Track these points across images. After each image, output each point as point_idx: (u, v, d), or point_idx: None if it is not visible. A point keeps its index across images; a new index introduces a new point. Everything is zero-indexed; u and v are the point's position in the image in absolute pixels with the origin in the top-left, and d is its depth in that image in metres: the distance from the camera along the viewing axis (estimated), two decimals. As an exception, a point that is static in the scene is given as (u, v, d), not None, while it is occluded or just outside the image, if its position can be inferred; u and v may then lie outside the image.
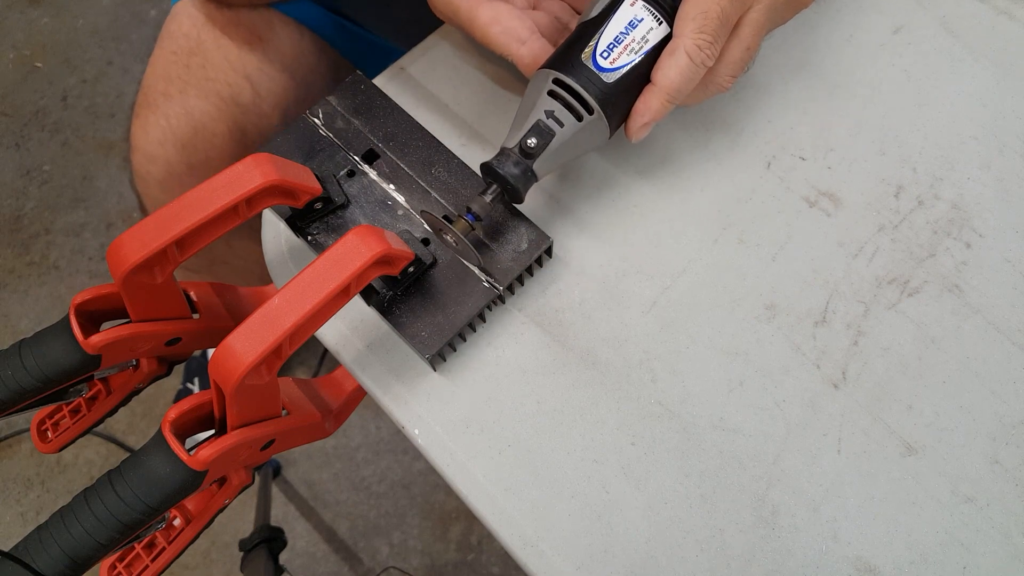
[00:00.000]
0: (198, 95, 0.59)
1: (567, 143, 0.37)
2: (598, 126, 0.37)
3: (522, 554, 0.37)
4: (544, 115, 0.37)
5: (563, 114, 0.37)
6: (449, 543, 1.11)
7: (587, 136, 0.37)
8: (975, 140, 0.45)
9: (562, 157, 0.38)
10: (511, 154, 0.37)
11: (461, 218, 0.38)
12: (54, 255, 1.32)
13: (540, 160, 0.37)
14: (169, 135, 0.60)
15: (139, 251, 0.32)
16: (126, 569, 0.39)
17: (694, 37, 0.36)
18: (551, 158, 0.37)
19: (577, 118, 0.36)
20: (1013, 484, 0.37)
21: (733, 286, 0.42)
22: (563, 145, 0.37)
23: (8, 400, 0.36)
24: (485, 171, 0.38)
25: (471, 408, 0.40)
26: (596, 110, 0.36)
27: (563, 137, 0.37)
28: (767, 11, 0.38)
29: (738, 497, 0.37)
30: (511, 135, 0.38)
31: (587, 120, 0.37)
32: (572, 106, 0.36)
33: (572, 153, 0.38)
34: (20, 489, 1.16)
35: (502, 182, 0.37)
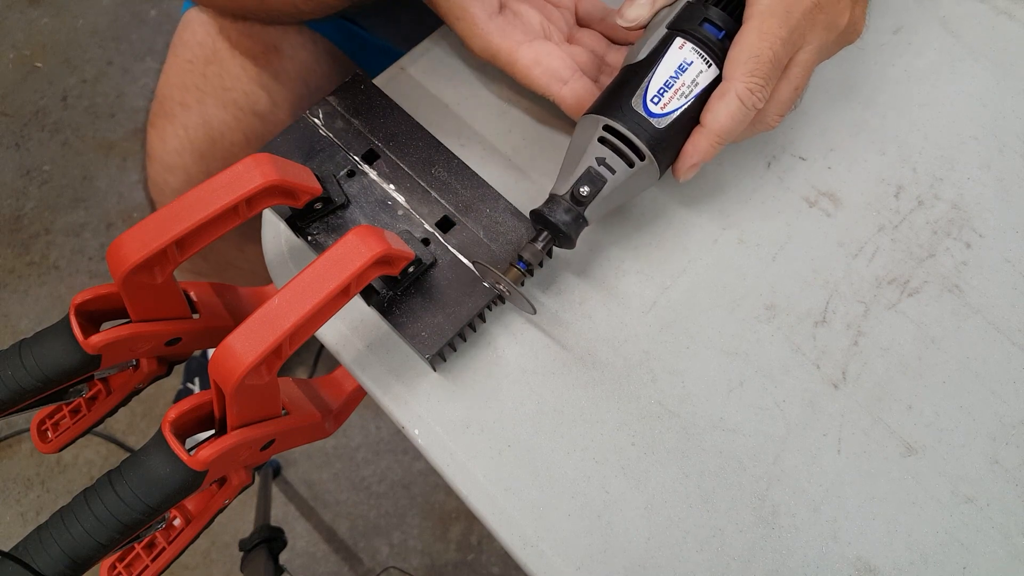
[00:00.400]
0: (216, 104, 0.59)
1: (619, 188, 0.37)
2: (649, 171, 0.37)
3: (522, 554, 0.37)
4: (595, 162, 0.36)
5: (615, 161, 0.36)
6: (449, 543, 1.11)
7: (638, 180, 0.37)
8: (975, 140, 0.45)
9: (613, 202, 0.38)
10: (562, 201, 0.37)
11: (514, 267, 0.38)
12: (54, 255, 1.31)
13: (592, 206, 0.37)
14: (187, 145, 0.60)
15: (139, 251, 0.32)
16: (126, 569, 0.39)
17: (746, 81, 0.36)
18: (603, 204, 0.37)
19: (629, 164, 0.36)
20: (1013, 484, 0.37)
21: (733, 286, 0.42)
22: (615, 191, 0.37)
23: (8, 400, 0.36)
24: (536, 218, 0.38)
25: (471, 408, 0.39)
26: (648, 156, 0.36)
27: (615, 183, 0.37)
28: (817, 52, 0.38)
29: (738, 497, 0.37)
30: (560, 182, 0.38)
31: (639, 166, 0.36)
32: (624, 153, 0.36)
33: (623, 197, 0.38)
34: (20, 489, 1.16)
35: (553, 229, 0.37)
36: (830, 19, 0.37)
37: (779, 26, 0.35)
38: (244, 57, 0.58)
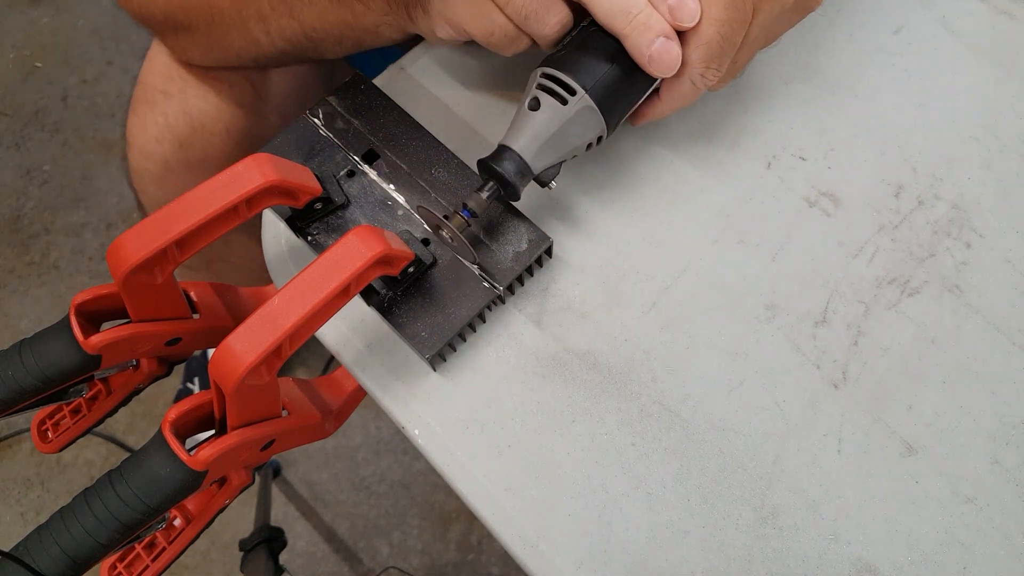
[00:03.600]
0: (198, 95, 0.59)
1: (559, 132, 0.37)
2: (587, 114, 0.37)
3: (522, 554, 0.37)
4: (530, 105, 0.37)
5: (547, 100, 0.37)
6: (449, 543, 1.11)
7: (577, 124, 0.37)
8: (975, 140, 0.45)
9: (557, 148, 0.38)
10: (506, 150, 0.37)
11: (457, 214, 0.38)
12: (54, 255, 1.31)
13: (535, 153, 0.37)
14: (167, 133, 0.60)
15: (139, 251, 0.32)
16: (126, 569, 0.39)
17: (699, 67, 0.37)
18: (545, 150, 0.37)
19: (562, 102, 0.36)
20: (1013, 484, 0.37)
21: (733, 286, 0.42)
22: (555, 135, 0.37)
23: (8, 400, 0.36)
24: (482, 168, 0.38)
25: (471, 408, 0.39)
26: (579, 90, 0.36)
27: (549, 123, 0.37)
28: (768, 26, 0.38)
29: (738, 497, 0.37)
30: (508, 133, 0.38)
31: (572, 102, 0.36)
32: (555, 92, 0.36)
33: (567, 143, 0.38)
34: (20, 489, 1.16)
35: (499, 178, 0.37)
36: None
37: (725, 8, 0.35)
38: None
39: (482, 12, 0.37)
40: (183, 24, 0.51)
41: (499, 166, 0.37)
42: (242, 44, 0.49)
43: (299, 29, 0.46)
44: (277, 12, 0.45)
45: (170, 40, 0.56)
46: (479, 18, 0.37)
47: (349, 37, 0.45)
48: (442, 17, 0.38)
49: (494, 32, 0.38)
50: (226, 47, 0.51)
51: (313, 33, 0.45)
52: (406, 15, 0.41)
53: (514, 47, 0.39)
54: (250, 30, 0.47)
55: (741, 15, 0.36)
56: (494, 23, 0.37)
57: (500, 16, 0.37)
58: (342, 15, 0.43)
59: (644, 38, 0.35)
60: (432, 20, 0.39)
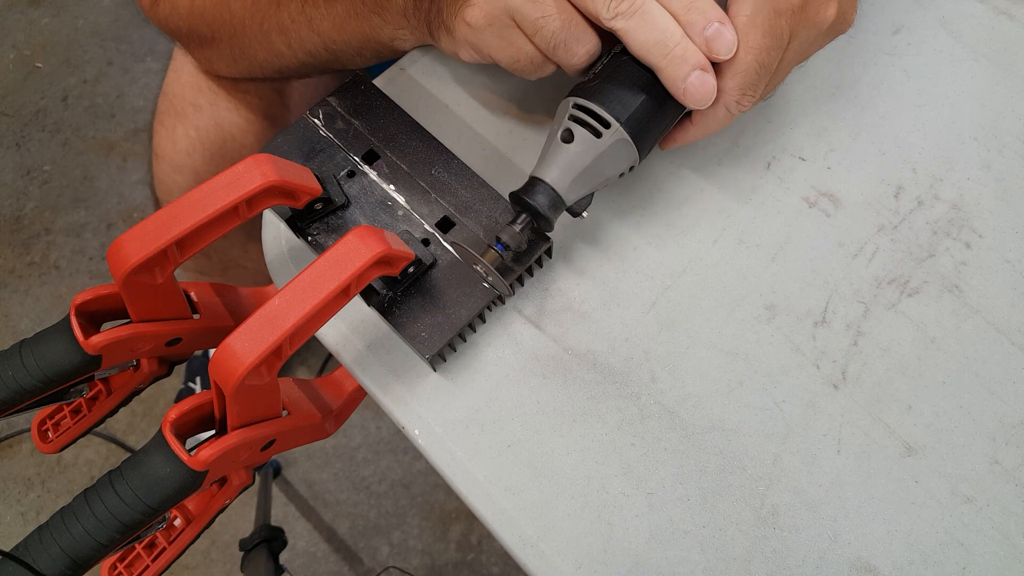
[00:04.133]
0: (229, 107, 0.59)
1: (592, 164, 0.36)
2: (621, 144, 0.36)
3: (522, 554, 0.37)
4: (564, 137, 0.36)
5: (581, 133, 0.36)
6: (449, 543, 1.11)
7: (612, 155, 0.37)
8: (975, 140, 0.45)
9: (590, 180, 0.37)
10: (539, 183, 0.37)
11: (492, 248, 0.38)
12: (54, 255, 1.32)
13: (569, 185, 0.37)
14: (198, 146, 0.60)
15: (140, 251, 0.33)
16: (127, 569, 0.39)
17: (735, 95, 0.36)
18: (578, 182, 0.37)
19: (596, 135, 0.36)
20: (1013, 484, 0.37)
21: (733, 286, 0.42)
22: (588, 167, 0.36)
23: (8, 400, 0.36)
24: (514, 200, 0.38)
25: (471, 408, 0.40)
26: (614, 124, 0.35)
27: (584, 157, 0.36)
28: (803, 51, 0.38)
29: (738, 497, 0.37)
30: (538, 164, 0.37)
31: (606, 135, 0.36)
32: (590, 125, 0.36)
33: (600, 175, 0.37)
34: (20, 489, 1.16)
35: (532, 211, 0.37)
36: (814, 16, 0.37)
37: (763, 36, 0.35)
38: None
39: (510, 40, 0.36)
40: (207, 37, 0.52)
41: (532, 199, 0.36)
42: (265, 56, 0.50)
43: (319, 41, 0.46)
44: (297, 24, 0.45)
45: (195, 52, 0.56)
46: (506, 47, 0.37)
47: (368, 49, 0.45)
48: (467, 42, 0.38)
49: (520, 59, 0.37)
50: (249, 59, 0.51)
51: (333, 45, 0.46)
52: (427, 32, 0.40)
53: (539, 73, 0.38)
54: (272, 43, 0.48)
55: (778, 43, 0.35)
56: (521, 51, 0.37)
57: (528, 44, 0.36)
58: (360, 27, 0.43)
59: (680, 71, 0.34)
60: (457, 44, 0.39)
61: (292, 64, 0.49)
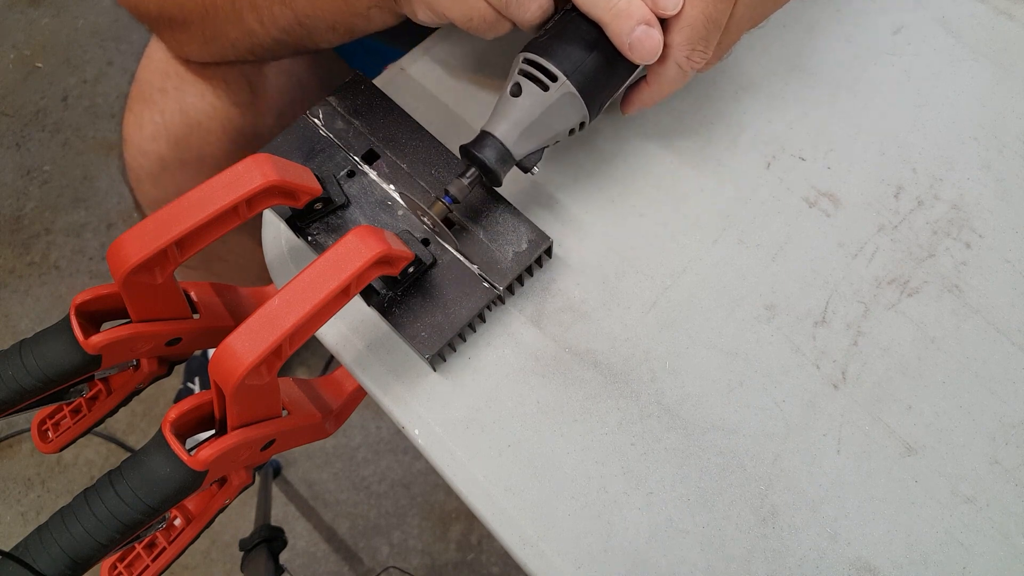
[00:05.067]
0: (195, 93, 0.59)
1: (540, 118, 0.37)
2: (569, 100, 0.37)
3: (522, 554, 0.37)
4: (512, 91, 0.37)
5: (528, 86, 0.37)
6: (449, 543, 1.11)
7: (560, 110, 0.37)
8: (975, 140, 0.45)
9: (539, 134, 0.38)
10: (488, 136, 0.37)
11: (439, 200, 0.38)
12: (54, 255, 1.32)
13: (517, 139, 0.37)
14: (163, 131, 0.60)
15: (139, 251, 0.33)
16: (127, 569, 0.39)
17: (684, 50, 0.36)
18: (527, 135, 0.37)
19: (543, 88, 0.36)
20: (1013, 484, 0.37)
21: (733, 286, 0.42)
22: (536, 121, 0.37)
23: (8, 400, 0.36)
24: (463, 154, 0.38)
25: (471, 408, 0.40)
26: (560, 76, 0.36)
27: (531, 110, 0.36)
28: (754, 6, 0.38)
29: (738, 497, 0.37)
30: (490, 119, 0.38)
31: (552, 89, 0.36)
32: (537, 78, 0.36)
33: (549, 129, 0.38)
34: (20, 489, 1.16)
35: (480, 164, 0.37)
36: None
37: None
38: None
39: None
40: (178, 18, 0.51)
41: (480, 152, 0.37)
42: (237, 35, 0.49)
43: (292, 16, 0.45)
44: (270, 0, 0.45)
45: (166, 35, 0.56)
46: (459, 5, 0.37)
47: (342, 23, 0.45)
48: (422, 2, 0.38)
49: (473, 17, 0.37)
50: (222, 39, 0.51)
51: (306, 20, 0.45)
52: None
53: (494, 32, 0.38)
54: (244, 20, 0.47)
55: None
56: (474, 8, 0.37)
57: (480, 2, 0.37)
58: (333, 0, 0.43)
59: (625, 25, 0.35)
60: (412, 3, 0.39)
61: (265, 42, 0.49)
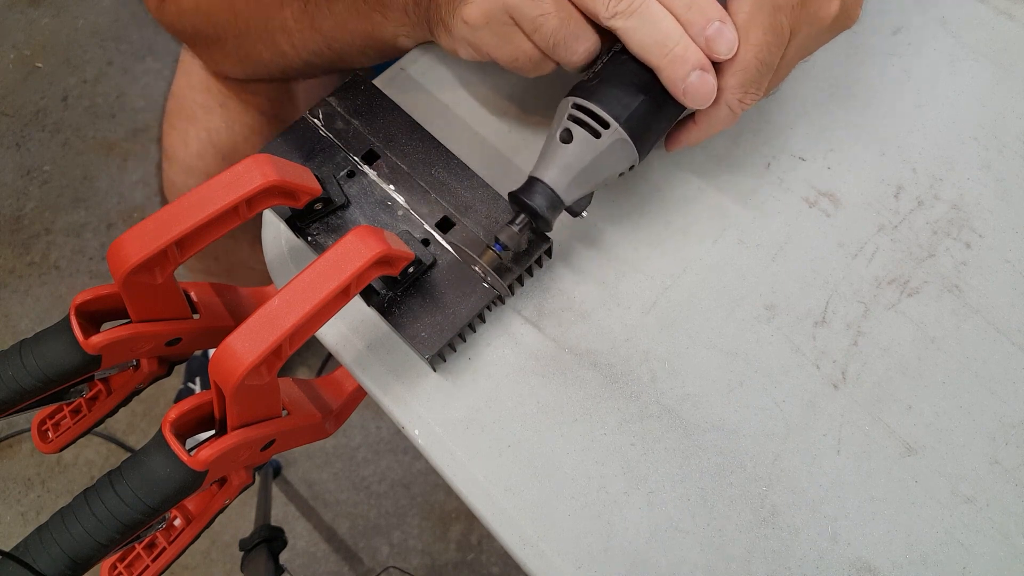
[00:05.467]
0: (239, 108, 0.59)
1: (591, 164, 0.36)
2: (620, 145, 0.36)
3: (522, 554, 0.37)
4: (563, 138, 0.36)
5: (580, 134, 0.36)
6: (449, 543, 1.11)
7: (611, 156, 0.36)
8: (975, 140, 0.45)
9: (589, 180, 0.37)
10: (537, 183, 0.36)
11: (490, 248, 0.38)
12: (54, 255, 1.32)
13: (567, 185, 0.36)
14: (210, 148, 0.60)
15: (139, 251, 0.33)
16: (127, 569, 0.39)
17: (736, 92, 0.36)
18: (577, 182, 0.36)
19: (595, 135, 0.36)
20: (1013, 484, 0.37)
21: (733, 286, 0.42)
22: (587, 167, 0.36)
23: (8, 400, 0.36)
24: (512, 200, 0.38)
25: (471, 408, 0.40)
26: (612, 124, 0.35)
27: (582, 157, 0.36)
28: (804, 47, 0.38)
29: (738, 497, 0.37)
30: (538, 164, 0.37)
31: (605, 136, 0.35)
32: (589, 125, 0.36)
33: (598, 175, 0.37)
34: (20, 489, 1.16)
35: (531, 212, 0.37)
36: (816, 12, 0.36)
37: (764, 32, 0.34)
38: None
39: (508, 39, 0.36)
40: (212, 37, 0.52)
41: (531, 200, 0.36)
42: (270, 56, 0.50)
43: (322, 41, 0.46)
44: (300, 24, 0.45)
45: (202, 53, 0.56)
46: (504, 45, 0.37)
47: (371, 48, 0.45)
48: (465, 41, 0.38)
49: (519, 58, 0.37)
50: (255, 59, 0.51)
51: (335, 44, 0.46)
52: (427, 30, 0.40)
53: (538, 71, 0.38)
54: (276, 42, 0.48)
55: (779, 39, 0.35)
56: (519, 49, 0.36)
57: (527, 43, 0.36)
58: (362, 26, 0.43)
59: (680, 71, 0.34)
60: (455, 42, 0.39)
61: (296, 64, 0.49)
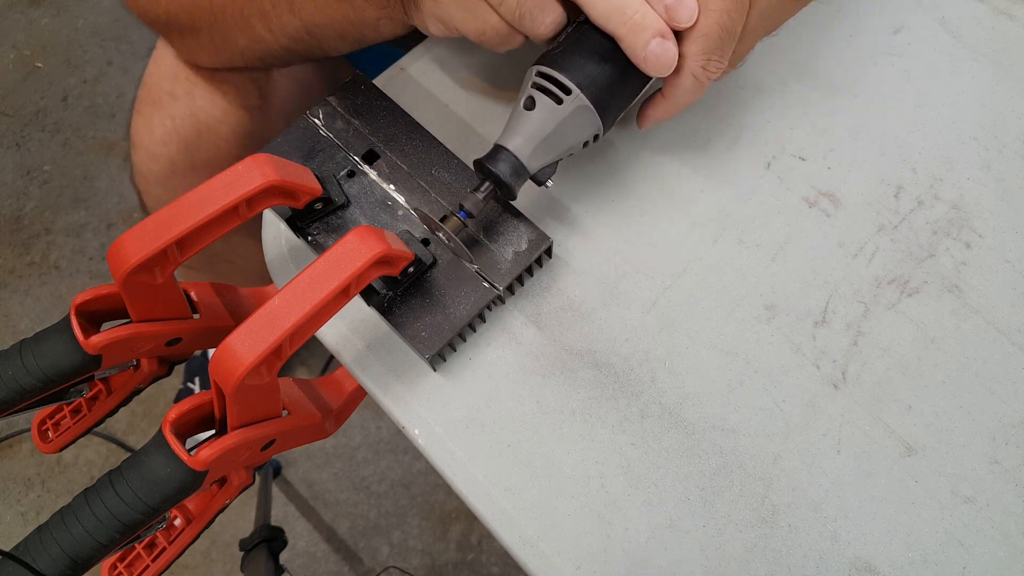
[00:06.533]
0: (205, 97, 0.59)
1: (554, 132, 0.37)
2: (583, 112, 0.37)
3: (522, 554, 0.37)
4: (526, 104, 0.37)
5: (543, 100, 0.36)
6: (449, 543, 1.11)
7: (574, 123, 0.37)
8: (975, 140, 0.45)
9: (554, 147, 0.37)
10: (502, 150, 0.37)
11: (454, 215, 0.38)
12: (54, 255, 1.32)
13: (531, 153, 0.37)
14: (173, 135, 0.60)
15: (139, 251, 0.33)
16: (127, 569, 0.39)
17: (699, 59, 0.36)
18: (541, 149, 0.37)
19: (557, 101, 0.36)
20: (1013, 484, 0.37)
21: (733, 286, 0.42)
22: (551, 134, 0.37)
23: (8, 400, 0.36)
24: (477, 168, 0.38)
25: (471, 408, 0.40)
26: (574, 90, 0.36)
27: (545, 123, 0.36)
28: (767, 15, 0.38)
29: (738, 497, 0.37)
30: (503, 132, 0.38)
31: (567, 102, 0.36)
32: (550, 91, 0.36)
33: (563, 142, 0.38)
34: (20, 489, 1.16)
35: (495, 178, 0.37)
36: None
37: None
38: None
39: (474, 12, 0.37)
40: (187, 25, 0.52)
41: (495, 166, 0.37)
42: (246, 43, 0.49)
43: (300, 25, 0.46)
44: (278, 9, 0.45)
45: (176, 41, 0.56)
46: (471, 19, 0.37)
47: (351, 32, 0.45)
48: (433, 16, 0.38)
49: (486, 31, 0.37)
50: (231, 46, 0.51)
51: (315, 29, 0.45)
52: (402, 10, 0.41)
53: (506, 45, 0.39)
54: (253, 28, 0.48)
55: (739, 4, 0.35)
56: (486, 22, 0.37)
57: (493, 16, 0.37)
58: (342, 10, 0.43)
59: (640, 39, 0.34)
60: (424, 17, 0.39)
61: (274, 50, 0.49)
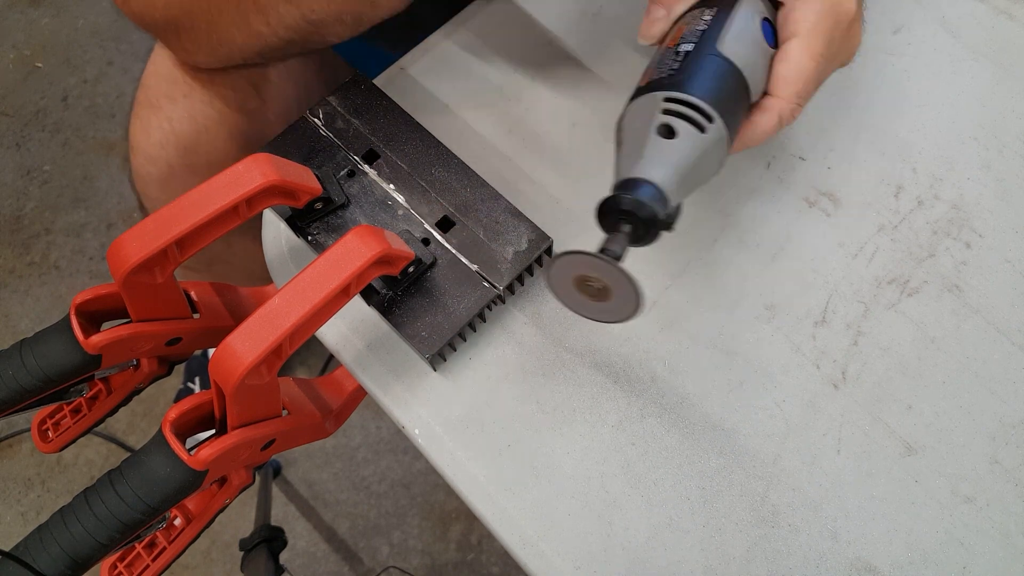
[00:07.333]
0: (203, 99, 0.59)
1: (696, 164, 0.32)
2: (721, 137, 0.33)
3: (522, 554, 0.37)
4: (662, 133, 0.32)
5: (684, 128, 0.32)
6: (449, 543, 1.11)
7: (714, 150, 0.33)
8: (975, 140, 0.45)
9: (692, 183, 0.33)
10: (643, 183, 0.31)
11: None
12: (54, 255, 1.31)
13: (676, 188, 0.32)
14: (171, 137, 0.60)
15: (140, 251, 0.33)
16: (127, 569, 0.39)
17: (792, 103, 0.36)
18: (683, 184, 0.32)
19: (700, 130, 0.32)
20: (1013, 484, 0.37)
21: (733, 286, 0.42)
22: (693, 167, 0.32)
23: (9, 400, 0.36)
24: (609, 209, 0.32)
25: (471, 408, 0.40)
26: (716, 118, 0.32)
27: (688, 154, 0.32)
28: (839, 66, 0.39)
29: (738, 497, 0.37)
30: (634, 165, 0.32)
31: (710, 131, 0.32)
32: (692, 119, 0.32)
33: (700, 178, 0.34)
34: (20, 489, 1.16)
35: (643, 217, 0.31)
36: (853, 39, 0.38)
37: (825, 45, 0.35)
38: None
39: None
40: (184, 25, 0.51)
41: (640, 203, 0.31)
42: (244, 39, 0.49)
43: (298, 13, 0.46)
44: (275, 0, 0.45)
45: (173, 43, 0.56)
46: None
47: (348, 12, 0.45)
48: None
49: None
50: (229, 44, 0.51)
51: (312, 15, 0.45)
52: None
53: None
54: (250, 23, 0.47)
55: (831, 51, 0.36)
56: None
57: None
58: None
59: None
60: None
61: (273, 43, 0.49)
